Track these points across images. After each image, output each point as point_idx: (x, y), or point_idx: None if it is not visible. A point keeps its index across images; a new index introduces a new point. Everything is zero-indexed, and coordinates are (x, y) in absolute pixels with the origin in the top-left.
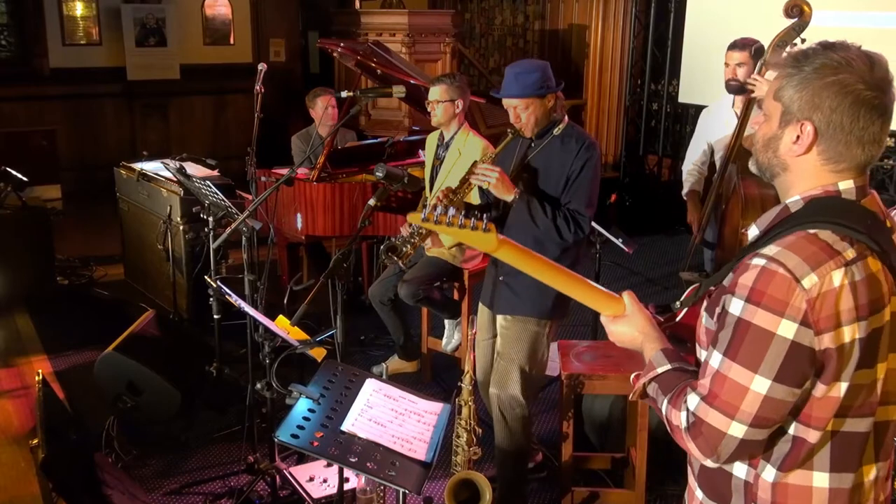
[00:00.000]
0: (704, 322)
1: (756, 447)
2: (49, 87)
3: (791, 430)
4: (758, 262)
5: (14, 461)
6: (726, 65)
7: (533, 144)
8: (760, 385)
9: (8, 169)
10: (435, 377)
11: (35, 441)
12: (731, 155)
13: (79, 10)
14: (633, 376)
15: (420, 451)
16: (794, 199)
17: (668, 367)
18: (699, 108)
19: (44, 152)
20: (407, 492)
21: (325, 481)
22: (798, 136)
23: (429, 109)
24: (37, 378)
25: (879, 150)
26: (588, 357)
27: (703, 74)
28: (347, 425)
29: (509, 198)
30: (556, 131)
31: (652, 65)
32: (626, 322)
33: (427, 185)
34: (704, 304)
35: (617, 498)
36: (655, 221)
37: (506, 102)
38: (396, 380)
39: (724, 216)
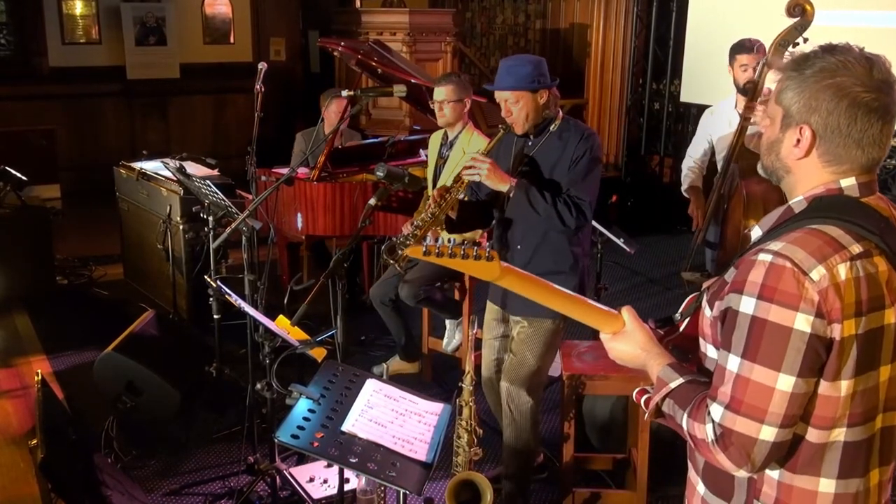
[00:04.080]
0: (707, 314)
1: (785, 448)
2: (48, 87)
3: (795, 429)
4: (764, 257)
5: (13, 462)
6: (743, 67)
7: (531, 142)
8: (785, 383)
9: (7, 168)
10: (436, 377)
11: (34, 441)
12: (733, 155)
13: (78, 8)
14: (635, 392)
15: (421, 452)
16: (797, 199)
17: (681, 380)
18: (701, 108)
19: (43, 152)
20: (407, 492)
21: (325, 482)
22: (798, 140)
23: (436, 110)
24: (36, 378)
25: (881, 152)
26: (590, 357)
27: (704, 74)
28: (348, 426)
29: (504, 187)
30: (552, 127)
31: (653, 64)
32: (626, 339)
33: (430, 185)
34: (706, 297)
35: (618, 499)
36: (657, 221)
37: (498, 96)
38: (397, 380)
39: (725, 216)
